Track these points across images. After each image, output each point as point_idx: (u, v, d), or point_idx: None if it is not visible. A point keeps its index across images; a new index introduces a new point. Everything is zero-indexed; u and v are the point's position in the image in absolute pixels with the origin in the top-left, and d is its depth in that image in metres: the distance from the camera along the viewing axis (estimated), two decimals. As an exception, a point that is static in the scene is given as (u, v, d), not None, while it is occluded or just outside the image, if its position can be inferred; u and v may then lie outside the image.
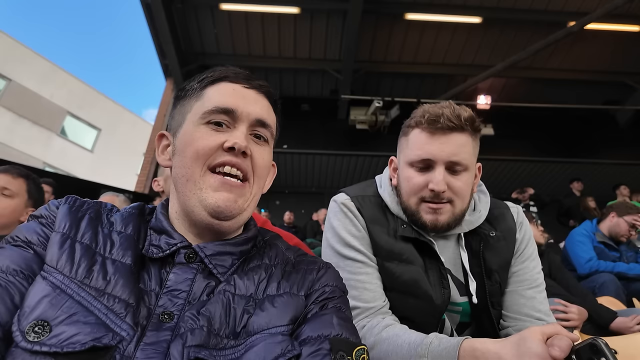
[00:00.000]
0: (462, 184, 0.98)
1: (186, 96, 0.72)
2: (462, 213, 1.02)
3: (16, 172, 1.63)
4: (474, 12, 7.20)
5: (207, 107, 0.67)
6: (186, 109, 0.70)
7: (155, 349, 0.51)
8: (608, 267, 2.65)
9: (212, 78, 0.71)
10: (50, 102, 14.01)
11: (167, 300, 0.58)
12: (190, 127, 0.67)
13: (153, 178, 2.12)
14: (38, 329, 0.47)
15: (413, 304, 0.99)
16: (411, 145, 1.02)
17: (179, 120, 0.71)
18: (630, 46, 7.74)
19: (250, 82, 0.72)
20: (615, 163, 8.45)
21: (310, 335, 0.59)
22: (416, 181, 1.00)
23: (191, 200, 0.65)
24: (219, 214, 0.64)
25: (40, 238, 0.58)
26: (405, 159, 1.04)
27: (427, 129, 0.98)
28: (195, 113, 0.68)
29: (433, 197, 0.98)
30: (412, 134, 1.03)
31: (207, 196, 0.64)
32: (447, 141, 0.97)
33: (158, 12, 6.72)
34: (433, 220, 0.99)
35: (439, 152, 0.97)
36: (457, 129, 0.97)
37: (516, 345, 0.63)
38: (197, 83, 0.71)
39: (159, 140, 0.74)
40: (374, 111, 8.06)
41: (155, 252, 0.62)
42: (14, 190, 1.60)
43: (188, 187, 0.65)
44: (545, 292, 1.07)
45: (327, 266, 0.73)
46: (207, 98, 0.69)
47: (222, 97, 0.68)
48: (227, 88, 0.70)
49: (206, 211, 0.64)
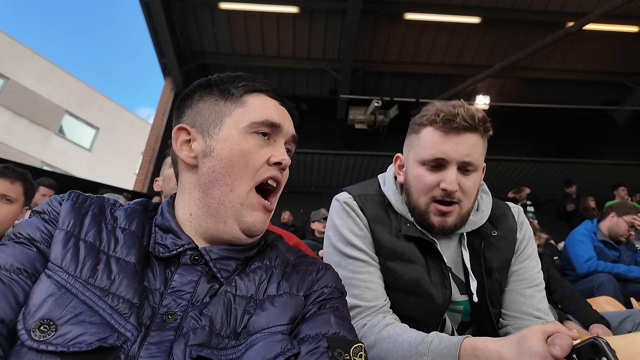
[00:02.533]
0: (472, 184, 0.98)
1: (219, 96, 0.71)
2: (468, 213, 1.03)
3: (13, 175, 1.63)
4: (473, 12, 7.21)
5: (255, 117, 0.68)
6: (222, 111, 0.69)
7: (159, 348, 0.52)
8: (607, 268, 2.66)
9: (252, 87, 0.72)
10: (48, 101, 13.96)
11: (172, 300, 0.58)
12: (235, 133, 0.67)
13: (152, 177, 2.11)
14: (44, 328, 0.47)
15: (414, 303, 0.99)
16: (423, 144, 1.01)
17: (212, 120, 0.69)
18: (629, 47, 7.76)
19: (284, 100, 0.75)
20: (613, 163, 8.48)
21: (308, 333, 0.59)
22: (427, 180, 0.99)
23: (227, 211, 0.66)
24: (252, 232, 0.67)
25: (44, 235, 0.58)
26: (416, 156, 1.03)
27: (442, 128, 0.97)
28: (239, 120, 0.68)
29: (444, 197, 0.98)
30: (425, 131, 1.01)
31: (246, 214, 0.66)
32: (461, 141, 0.96)
33: (157, 11, 6.70)
34: (441, 222, 1.00)
35: (453, 152, 0.96)
36: (470, 129, 0.96)
37: (517, 343, 0.63)
38: (233, 87, 0.71)
39: (177, 134, 0.71)
40: (372, 111, 8.07)
41: (161, 251, 0.62)
42: (13, 196, 1.62)
43: (231, 197, 0.65)
44: (544, 291, 1.07)
45: (326, 267, 0.74)
46: (253, 108, 0.70)
47: (268, 111, 0.71)
48: (269, 102, 0.72)
49: (240, 227, 0.66)
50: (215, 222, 0.66)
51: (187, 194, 0.69)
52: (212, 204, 0.66)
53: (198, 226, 0.67)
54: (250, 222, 0.66)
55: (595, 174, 8.74)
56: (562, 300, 2.23)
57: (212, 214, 0.66)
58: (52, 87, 14.14)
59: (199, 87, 0.73)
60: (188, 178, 0.69)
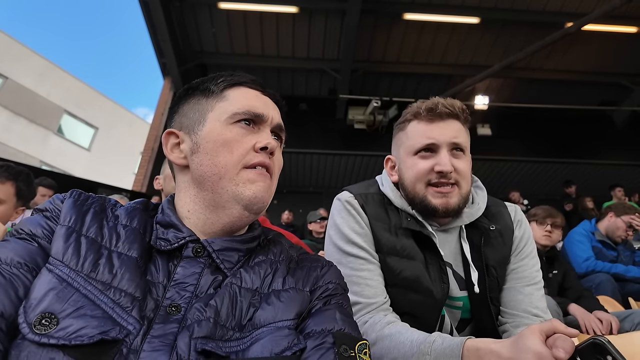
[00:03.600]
0: (464, 165, 1.03)
1: (201, 95, 0.72)
2: (468, 194, 1.06)
3: (4, 176, 1.61)
4: (472, 13, 7.23)
5: (236, 108, 0.69)
6: (205, 108, 0.71)
7: (162, 341, 0.51)
8: (605, 268, 2.67)
9: (231, 81, 0.72)
10: (47, 100, 13.94)
11: (175, 292, 0.58)
12: (217, 125, 0.68)
13: (152, 177, 2.11)
14: (45, 321, 0.47)
15: (414, 299, 1.00)
16: (412, 136, 1.07)
17: (196, 118, 0.70)
18: (627, 47, 7.79)
19: (266, 90, 0.75)
20: (612, 164, 8.50)
21: (314, 329, 0.59)
22: (421, 166, 1.03)
23: (223, 196, 0.66)
24: (254, 204, 0.66)
25: (45, 231, 0.58)
26: (407, 150, 1.08)
27: (426, 118, 1.04)
28: (220, 113, 0.69)
29: (440, 179, 1.01)
30: (410, 125, 1.08)
31: (244, 189, 0.66)
32: (446, 126, 1.03)
33: (156, 11, 6.71)
34: (444, 204, 1.01)
35: (441, 136, 1.02)
36: (453, 116, 1.04)
37: (515, 344, 0.63)
38: (213, 84, 0.72)
39: (167, 138, 0.73)
40: (372, 111, 8.08)
41: (163, 245, 0.62)
42: (2, 196, 1.59)
43: (222, 184, 0.66)
44: (543, 289, 1.08)
45: (329, 264, 0.75)
46: (234, 100, 0.70)
47: (249, 100, 0.71)
48: (250, 93, 0.73)
49: (240, 204, 0.65)
50: (215, 212, 0.67)
51: (183, 193, 0.70)
52: (207, 196, 0.67)
53: (197, 220, 0.68)
54: (250, 195, 0.66)
55: (594, 175, 8.76)
56: (577, 300, 2.18)
57: (210, 206, 0.67)
58: (51, 86, 14.12)
59: (183, 92, 0.75)
60: (182, 178, 0.71)
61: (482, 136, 8.49)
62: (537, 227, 2.42)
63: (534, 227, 2.44)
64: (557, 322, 0.62)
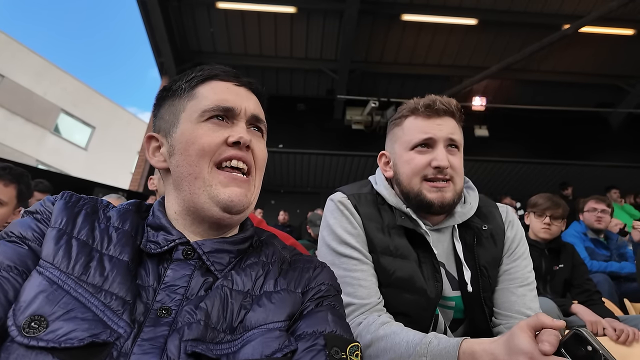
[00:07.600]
0: (459, 162, 1.05)
1: (175, 96, 0.72)
2: (461, 191, 1.08)
3: (8, 178, 1.62)
4: (469, 14, 7.25)
5: (205, 105, 0.68)
6: (178, 109, 0.70)
7: (152, 344, 0.51)
8: (600, 267, 2.71)
9: (202, 77, 0.71)
10: (43, 99, 13.88)
11: (165, 295, 0.58)
12: (189, 125, 0.67)
13: (148, 176, 2.11)
14: (34, 324, 0.47)
15: (408, 299, 1.00)
16: (409, 131, 1.08)
17: (171, 121, 0.70)
18: (624, 49, 7.82)
19: (240, 79, 0.74)
20: (608, 165, 8.53)
21: (305, 331, 0.59)
22: (418, 161, 1.04)
23: (200, 197, 0.65)
24: (232, 208, 0.65)
25: (35, 234, 0.58)
26: (403, 145, 1.09)
27: (424, 114, 1.06)
28: (191, 112, 0.68)
29: (436, 174, 1.02)
30: (407, 121, 1.10)
31: (218, 192, 0.65)
32: (443, 122, 1.05)
33: (154, 10, 6.69)
34: (439, 198, 1.02)
35: (438, 132, 1.04)
36: (449, 113, 1.06)
37: (507, 343, 0.64)
38: (185, 83, 0.72)
39: (148, 143, 0.73)
40: (369, 111, 8.07)
41: (153, 248, 0.62)
42: (5, 199, 1.60)
43: (197, 184, 0.65)
44: (535, 290, 1.08)
45: (322, 265, 0.75)
46: (203, 96, 0.69)
47: (219, 95, 0.69)
48: (220, 86, 0.71)
49: (218, 206, 0.65)
50: (197, 213, 0.66)
51: (168, 195, 0.71)
52: (186, 197, 0.66)
53: (185, 221, 0.68)
54: (226, 198, 0.65)
55: (589, 176, 8.78)
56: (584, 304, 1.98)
57: (190, 206, 0.66)
58: (48, 85, 14.06)
59: (159, 94, 0.75)
60: (167, 180, 0.71)
61: (480, 137, 8.50)
62: (535, 220, 2.34)
63: (533, 220, 2.35)
64: (543, 315, 0.63)
